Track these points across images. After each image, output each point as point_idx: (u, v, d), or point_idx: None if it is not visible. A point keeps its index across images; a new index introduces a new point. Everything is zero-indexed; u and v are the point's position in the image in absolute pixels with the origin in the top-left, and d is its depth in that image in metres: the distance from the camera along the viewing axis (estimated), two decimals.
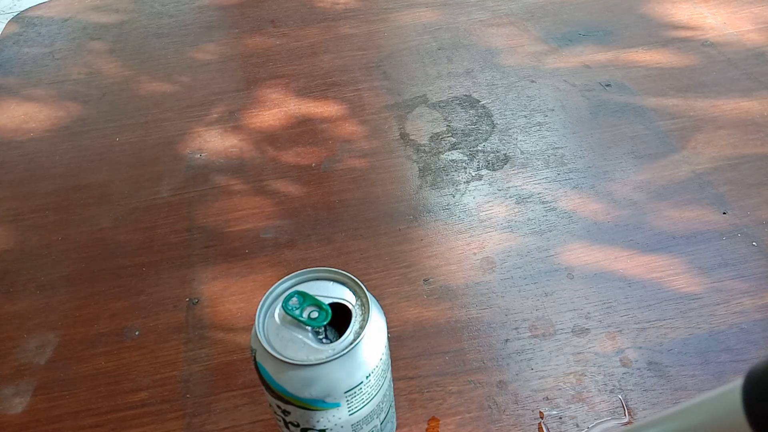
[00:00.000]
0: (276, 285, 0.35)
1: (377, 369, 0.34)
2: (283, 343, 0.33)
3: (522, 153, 0.65)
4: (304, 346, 0.33)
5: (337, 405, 0.33)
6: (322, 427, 0.34)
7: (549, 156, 0.64)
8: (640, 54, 0.77)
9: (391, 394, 0.39)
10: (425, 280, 0.53)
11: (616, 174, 0.62)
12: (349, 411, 0.34)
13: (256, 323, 0.34)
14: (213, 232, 0.59)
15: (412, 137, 0.68)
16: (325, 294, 0.35)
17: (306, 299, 0.34)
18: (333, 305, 0.34)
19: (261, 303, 0.34)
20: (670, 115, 0.68)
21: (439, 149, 0.66)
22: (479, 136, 0.67)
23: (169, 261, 0.57)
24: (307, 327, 0.33)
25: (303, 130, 0.71)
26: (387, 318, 0.36)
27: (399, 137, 0.68)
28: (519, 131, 0.67)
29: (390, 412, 0.39)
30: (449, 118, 0.70)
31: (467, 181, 0.62)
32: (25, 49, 0.89)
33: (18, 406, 0.47)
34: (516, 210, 0.59)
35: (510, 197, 0.60)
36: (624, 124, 0.67)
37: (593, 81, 0.73)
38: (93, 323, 0.53)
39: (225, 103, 0.75)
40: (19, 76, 0.84)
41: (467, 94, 0.73)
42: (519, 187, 0.61)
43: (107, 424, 0.46)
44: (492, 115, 0.70)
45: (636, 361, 0.47)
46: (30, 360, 0.50)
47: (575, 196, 0.60)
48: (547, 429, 0.43)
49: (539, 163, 0.63)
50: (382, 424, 0.38)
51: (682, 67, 0.74)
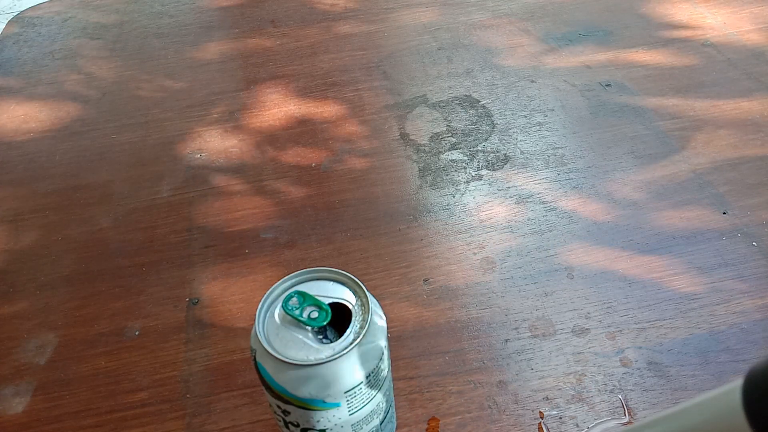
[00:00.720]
0: (276, 285, 0.35)
1: (377, 369, 0.34)
2: (283, 343, 0.33)
3: (522, 153, 0.65)
4: (304, 346, 0.33)
5: (337, 405, 0.33)
6: (322, 427, 0.34)
7: (549, 156, 0.64)
8: (640, 54, 0.77)
9: (391, 394, 0.39)
10: (425, 280, 0.53)
11: (616, 174, 0.62)
12: (349, 411, 0.34)
13: (256, 323, 0.34)
14: (213, 232, 0.59)
15: (412, 137, 0.68)
16: (325, 294, 0.35)
17: (306, 299, 0.34)
18: (333, 305, 0.34)
19: (261, 303, 0.34)
20: (670, 115, 0.68)
21: (439, 149, 0.66)
22: (479, 136, 0.67)
23: (169, 261, 0.57)
24: (307, 327, 0.33)
25: (303, 130, 0.71)
26: (387, 318, 0.36)
27: (399, 137, 0.68)
28: (519, 131, 0.67)
29: (390, 412, 0.39)
30: (449, 118, 0.70)
31: (467, 181, 0.62)
32: (25, 49, 0.89)
33: (18, 406, 0.47)
34: (516, 210, 0.59)
35: (510, 197, 0.60)
36: (624, 124, 0.67)
37: (593, 81, 0.73)
38: (93, 323, 0.53)
39: (225, 103, 0.75)
40: (19, 76, 0.84)
41: (467, 94, 0.73)
42: (519, 187, 0.61)
43: (107, 424, 0.46)
44: (492, 115, 0.70)
45: (636, 361, 0.47)
46: (30, 360, 0.50)
47: (575, 196, 0.60)
48: (547, 429, 0.43)
49: (539, 163, 0.63)
50: (382, 424, 0.38)
51: (682, 67, 0.74)
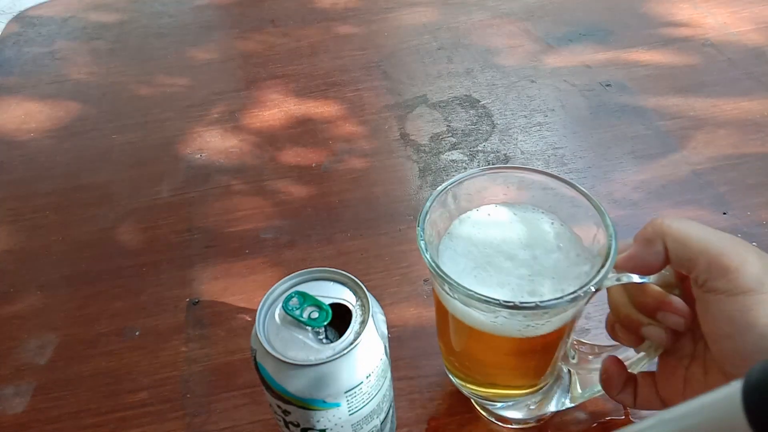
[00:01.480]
0: (276, 285, 0.35)
1: (377, 369, 0.34)
2: (284, 343, 0.33)
3: (522, 153, 0.65)
4: (304, 346, 0.33)
5: (337, 405, 0.33)
6: (322, 427, 0.34)
7: (549, 156, 0.64)
8: (640, 54, 0.77)
9: (391, 394, 0.39)
10: (425, 280, 0.53)
11: (616, 174, 0.62)
12: (349, 411, 0.34)
13: (256, 323, 0.34)
14: (213, 232, 0.59)
15: (412, 137, 0.68)
16: (325, 294, 0.35)
17: (306, 299, 0.34)
18: (333, 305, 0.34)
19: (261, 303, 0.34)
20: (670, 115, 0.68)
21: (440, 149, 0.66)
22: (479, 136, 0.67)
23: (170, 261, 0.57)
24: (308, 327, 0.33)
25: (303, 130, 0.70)
26: (387, 318, 0.36)
27: (399, 137, 0.68)
28: (519, 131, 0.67)
29: (390, 412, 0.39)
30: (449, 118, 0.70)
31: None
32: (25, 49, 0.89)
33: (18, 406, 0.47)
34: None
35: None
36: (624, 124, 0.67)
37: (593, 81, 0.73)
38: (93, 323, 0.53)
39: (225, 103, 0.75)
40: (19, 76, 0.84)
41: (467, 94, 0.73)
42: None
43: (107, 424, 0.46)
44: (492, 115, 0.70)
45: None
46: (30, 360, 0.50)
47: None
48: (547, 429, 0.43)
49: (539, 163, 0.63)
50: (382, 424, 0.38)
51: (682, 67, 0.74)
